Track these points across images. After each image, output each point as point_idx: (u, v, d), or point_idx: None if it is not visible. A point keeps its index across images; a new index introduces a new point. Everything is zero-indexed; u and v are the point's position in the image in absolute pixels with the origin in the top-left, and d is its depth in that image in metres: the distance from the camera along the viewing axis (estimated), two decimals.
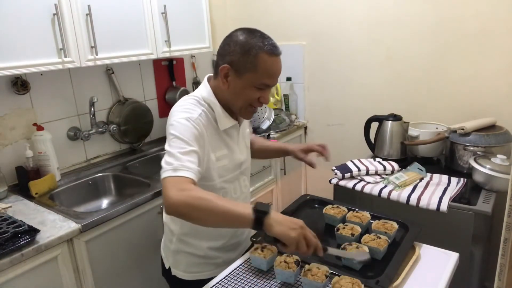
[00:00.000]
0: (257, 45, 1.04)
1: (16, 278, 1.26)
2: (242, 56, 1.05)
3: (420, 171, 1.79)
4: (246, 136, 1.29)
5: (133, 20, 1.89)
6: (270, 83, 1.09)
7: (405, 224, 1.21)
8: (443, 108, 2.09)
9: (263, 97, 1.10)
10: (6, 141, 1.74)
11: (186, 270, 1.29)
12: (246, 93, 1.09)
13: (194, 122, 1.06)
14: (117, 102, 2.17)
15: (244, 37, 1.06)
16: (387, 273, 0.99)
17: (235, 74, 1.07)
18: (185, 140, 1.02)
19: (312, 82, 2.57)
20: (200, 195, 0.91)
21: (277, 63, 1.08)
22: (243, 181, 1.27)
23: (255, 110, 1.16)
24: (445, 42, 2.01)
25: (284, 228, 0.89)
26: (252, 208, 0.90)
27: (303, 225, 0.91)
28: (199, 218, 0.93)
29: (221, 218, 0.91)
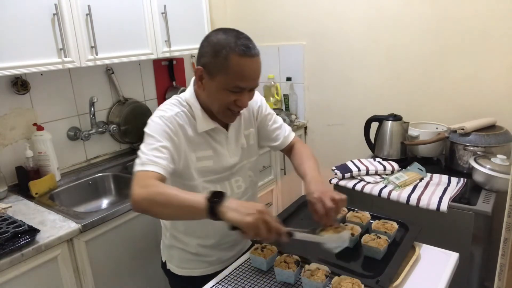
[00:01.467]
0: (228, 46, 0.99)
1: (16, 278, 1.26)
2: (213, 57, 1.01)
3: (420, 171, 1.79)
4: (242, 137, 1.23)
5: (133, 20, 1.89)
6: (243, 85, 1.03)
7: (405, 224, 1.22)
8: (443, 108, 2.09)
9: (240, 100, 1.05)
10: (6, 141, 1.74)
11: (179, 265, 1.31)
12: (220, 96, 1.05)
13: (167, 120, 1.07)
14: (117, 102, 2.17)
15: (217, 38, 1.02)
16: (387, 273, 0.99)
17: (208, 77, 1.04)
18: (155, 137, 1.04)
19: (312, 82, 2.57)
20: (159, 190, 0.93)
21: (250, 65, 1.01)
22: (235, 182, 1.23)
23: (236, 113, 1.11)
24: (445, 42, 2.01)
25: (238, 214, 0.86)
26: (205, 197, 0.89)
27: (261, 210, 0.87)
28: (159, 212, 0.95)
29: (178, 210, 0.92)
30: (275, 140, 1.32)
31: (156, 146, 1.03)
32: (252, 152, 1.29)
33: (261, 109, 1.29)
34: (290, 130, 1.35)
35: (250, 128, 1.26)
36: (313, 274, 0.98)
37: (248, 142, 1.25)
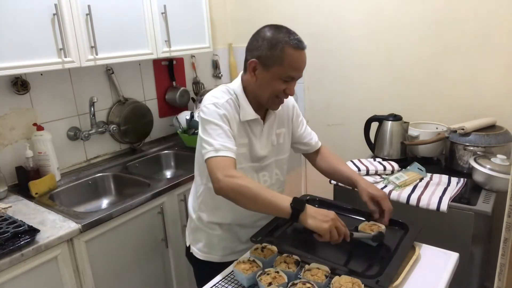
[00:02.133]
0: (284, 40, 1.12)
1: (16, 278, 1.26)
2: (269, 50, 1.12)
3: (420, 171, 1.79)
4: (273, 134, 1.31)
5: (133, 20, 1.89)
6: (295, 75, 1.16)
7: (405, 224, 1.21)
8: (443, 108, 2.09)
9: (289, 88, 1.17)
10: (6, 141, 1.74)
11: (201, 249, 1.37)
12: (273, 85, 1.15)
13: (222, 106, 1.17)
14: (117, 102, 2.17)
15: (271, 32, 1.14)
16: (387, 273, 0.99)
17: (263, 68, 1.15)
18: (216, 123, 1.14)
19: (312, 82, 2.57)
20: (246, 184, 1.04)
21: (302, 57, 1.15)
22: (262, 176, 1.30)
23: (281, 101, 1.22)
24: (445, 42, 2.01)
25: (317, 221, 1.00)
26: (290, 203, 1.01)
27: (334, 217, 1.02)
28: (244, 203, 1.06)
29: (263, 206, 1.04)
30: (307, 144, 1.43)
31: (222, 131, 1.13)
32: (281, 151, 1.34)
33: (296, 112, 1.39)
34: (317, 138, 1.46)
35: (282, 128, 1.34)
36: (313, 274, 0.98)
37: (278, 140, 1.32)
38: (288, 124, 1.36)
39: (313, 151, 1.45)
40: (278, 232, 1.25)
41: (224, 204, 1.25)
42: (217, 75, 2.80)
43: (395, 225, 1.23)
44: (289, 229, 1.27)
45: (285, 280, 0.98)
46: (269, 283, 0.97)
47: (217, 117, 1.14)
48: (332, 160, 1.42)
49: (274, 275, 0.99)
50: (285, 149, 1.37)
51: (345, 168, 1.37)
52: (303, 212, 1.01)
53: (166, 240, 1.80)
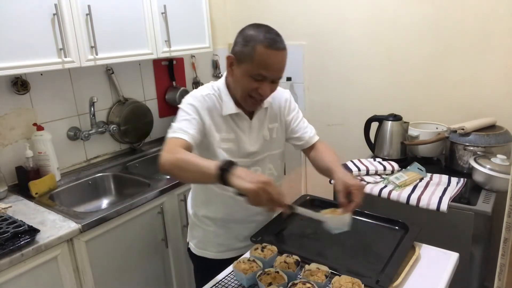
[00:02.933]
0: (257, 38, 1.11)
1: (16, 278, 1.26)
2: (243, 46, 1.13)
3: (420, 171, 1.79)
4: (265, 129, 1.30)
5: (133, 20, 1.89)
6: (266, 74, 1.12)
7: (405, 224, 1.22)
8: (443, 108, 2.09)
9: (261, 88, 1.15)
10: (6, 141, 1.74)
11: (197, 244, 1.39)
12: (244, 82, 1.15)
13: (196, 98, 1.20)
14: (117, 102, 2.17)
15: (249, 30, 1.15)
16: (387, 273, 0.99)
17: (237, 63, 1.16)
18: (185, 111, 1.18)
19: (312, 82, 2.57)
20: (182, 156, 1.04)
21: (275, 56, 1.11)
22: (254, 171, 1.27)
23: (257, 102, 1.20)
24: (445, 42, 2.01)
25: (242, 181, 0.93)
26: (217, 164, 0.97)
27: (265, 181, 0.92)
28: (179, 175, 1.07)
29: (195, 174, 1.03)
30: (300, 139, 1.39)
31: (186, 118, 1.16)
32: (274, 145, 1.34)
33: (290, 106, 1.37)
34: (315, 132, 1.42)
35: (275, 123, 1.33)
36: (313, 274, 0.98)
37: (271, 135, 1.32)
38: (280, 119, 1.35)
39: (308, 147, 1.40)
40: (278, 232, 1.25)
41: (215, 198, 1.28)
42: (217, 75, 2.80)
43: (395, 225, 1.24)
44: (290, 230, 1.27)
45: (285, 280, 0.98)
46: (269, 283, 0.97)
47: (187, 106, 1.18)
48: (323, 154, 1.34)
49: (274, 275, 0.99)
50: (279, 144, 1.36)
51: (328, 159, 1.30)
52: (230, 172, 0.95)
53: (166, 240, 1.80)
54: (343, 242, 1.18)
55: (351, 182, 1.11)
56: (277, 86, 1.24)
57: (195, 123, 1.16)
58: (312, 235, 1.23)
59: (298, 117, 1.39)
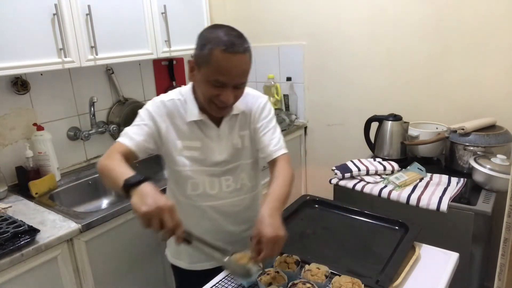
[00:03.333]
0: (213, 41, 1.01)
1: (16, 278, 1.26)
2: (200, 50, 1.05)
3: (420, 171, 1.79)
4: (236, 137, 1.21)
5: (133, 20, 1.89)
6: (223, 80, 1.03)
7: (405, 224, 1.22)
8: (443, 108, 2.09)
9: (223, 95, 1.05)
10: (6, 141, 1.74)
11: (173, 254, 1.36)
12: (204, 88, 1.07)
13: (156, 104, 1.17)
14: (117, 102, 2.17)
15: (207, 32, 1.07)
16: (387, 273, 0.99)
17: (197, 68, 1.08)
18: (140, 116, 1.16)
19: (312, 82, 2.57)
20: (108, 162, 1.03)
21: (232, 61, 1.01)
22: (225, 181, 1.22)
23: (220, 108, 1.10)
24: (445, 42, 2.01)
25: (138, 201, 0.88)
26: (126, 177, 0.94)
27: (163, 207, 0.86)
28: (103, 180, 1.06)
29: (111, 182, 1.00)
30: (261, 152, 1.23)
31: (138, 123, 1.14)
32: (247, 154, 1.24)
33: (261, 113, 1.22)
34: (280, 146, 1.21)
35: (246, 130, 1.23)
36: (313, 274, 0.98)
37: (242, 143, 1.22)
38: (249, 126, 1.23)
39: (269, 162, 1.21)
40: None
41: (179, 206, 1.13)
42: None
43: (395, 225, 1.24)
44: (290, 230, 1.27)
45: (285, 280, 0.98)
46: (269, 283, 0.97)
47: (143, 111, 1.16)
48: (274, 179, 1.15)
49: (274, 275, 0.99)
50: (253, 152, 1.25)
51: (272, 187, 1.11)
52: (134, 188, 0.90)
53: (166, 240, 1.80)
54: (343, 242, 1.18)
55: (265, 231, 0.93)
56: (243, 92, 1.11)
57: (146, 130, 1.12)
58: (312, 235, 1.23)
59: (268, 126, 1.21)
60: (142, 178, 0.93)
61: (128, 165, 1.03)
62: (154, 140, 1.15)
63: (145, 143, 1.12)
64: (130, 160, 1.08)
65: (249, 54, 1.05)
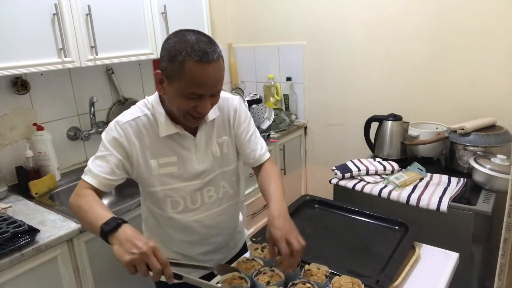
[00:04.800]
0: (184, 51, 0.93)
1: (16, 278, 1.26)
2: (169, 63, 0.96)
3: (420, 171, 1.79)
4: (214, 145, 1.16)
5: (133, 20, 1.89)
6: (200, 92, 0.96)
7: (405, 224, 1.22)
8: (443, 108, 2.09)
9: (200, 106, 0.99)
10: (6, 141, 1.74)
11: None
12: (179, 102, 0.99)
13: (120, 127, 1.06)
14: (117, 102, 2.17)
15: (174, 41, 0.96)
16: (387, 273, 0.99)
17: (167, 81, 0.99)
18: (105, 145, 1.06)
19: (312, 82, 2.57)
20: (81, 203, 0.99)
21: (207, 71, 0.94)
22: (207, 192, 1.16)
23: (197, 119, 1.04)
24: (445, 42, 2.01)
25: (120, 250, 0.87)
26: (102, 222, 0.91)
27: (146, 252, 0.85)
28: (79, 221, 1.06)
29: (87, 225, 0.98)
30: (248, 157, 1.21)
31: (102, 155, 1.06)
32: (226, 161, 1.19)
33: (240, 117, 1.19)
34: (266, 149, 1.24)
35: (224, 136, 1.18)
36: (313, 274, 0.98)
37: (221, 150, 1.17)
38: (229, 131, 1.18)
39: (256, 166, 1.22)
40: None
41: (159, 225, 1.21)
42: None
43: (395, 225, 1.24)
44: None
45: (282, 278, 0.98)
46: (267, 282, 0.97)
47: (107, 138, 1.05)
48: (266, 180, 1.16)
49: (270, 274, 0.99)
50: (232, 159, 1.20)
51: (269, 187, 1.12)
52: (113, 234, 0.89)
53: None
54: (343, 242, 1.18)
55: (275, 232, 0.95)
56: (218, 98, 1.05)
57: (112, 161, 1.04)
58: (312, 235, 1.23)
59: (250, 130, 1.20)
60: (117, 222, 0.91)
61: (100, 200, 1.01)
62: (123, 168, 1.07)
63: (111, 178, 1.05)
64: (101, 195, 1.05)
65: (222, 59, 0.99)
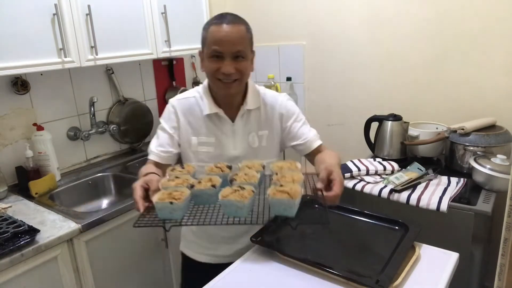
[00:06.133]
0: (210, 21, 1.15)
1: (16, 278, 1.26)
2: (202, 35, 1.16)
3: (420, 171, 1.79)
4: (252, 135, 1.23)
5: (133, 20, 1.89)
6: (219, 49, 1.10)
7: (405, 224, 1.21)
8: (443, 108, 2.09)
9: (223, 67, 1.12)
10: (6, 141, 1.74)
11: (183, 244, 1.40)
12: (208, 66, 1.14)
13: (173, 103, 1.24)
14: (117, 102, 2.17)
15: None
16: (387, 273, 0.99)
17: (202, 52, 1.18)
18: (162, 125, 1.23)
19: (312, 82, 2.57)
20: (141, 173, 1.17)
21: (223, 30, 1.11)
22: None
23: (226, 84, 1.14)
24: (445, 42, 2.01)
25: None
26: None
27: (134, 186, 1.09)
28: None
29: None
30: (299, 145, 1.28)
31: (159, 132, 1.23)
32: (263, 154, 1.25)
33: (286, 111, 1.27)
34: (318, 136, 1.32)
35: (265, 130, 1.25)
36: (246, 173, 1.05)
37: (260, 143, 1.25)
38: (273, 126, 1.26)
39: (309, 152, 1.29)
40: (279, 232, 1.25)
41: None
42: None
43: (395, 225, 1.23)
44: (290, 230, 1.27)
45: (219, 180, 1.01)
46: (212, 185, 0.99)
47: (165, 116, 1.24)
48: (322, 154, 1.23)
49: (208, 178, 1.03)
50: (269, 153, 1.26)
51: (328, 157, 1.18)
52: None
53: (166, 240, 1.80)
54: (343, 242, 1.18)
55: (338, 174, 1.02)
56: (245, 66, 1.15)
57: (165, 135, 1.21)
58: (312, 235, 1.23)
59: (300, 121, 1.29)
60: None
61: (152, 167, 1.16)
62: (174, 140, 1.22)
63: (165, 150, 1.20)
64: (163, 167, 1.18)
65: (243, 25, 1.16)
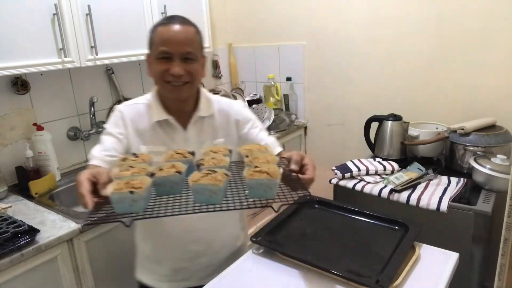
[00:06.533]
0: (156, 23, 1.12)
1: (16, 278, 1.26)
2: (148, 39, 1.13)
3: (420, 171, 1.79)
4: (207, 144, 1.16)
5: (133, 20, 1.89)
6: (167, 49, 1.06)
7: (405, 224, 1.21)
8: (443, 108, 2.09)
9: (171, 69, 1.07)
10: (6, 141, 1.74)
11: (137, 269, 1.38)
12: (155, 68, 1.09)
13: (121, 109, 1.17)
14: (117, 102, 2.17)
15: None
16: (387, 273, 0.99)
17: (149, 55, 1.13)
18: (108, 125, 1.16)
19: (312, 82, 2.57)
20: None
21: (171, 30, 1.08)
22: None
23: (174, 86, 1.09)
24: (445, 42, 2.01)
25: None
26: None
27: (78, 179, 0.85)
28: None
29: None
30: None
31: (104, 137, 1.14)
32: None
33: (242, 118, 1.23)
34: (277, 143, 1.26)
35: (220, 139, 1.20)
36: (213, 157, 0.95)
37: None
38: (230, 133, 1.21)
39: None
40: (278, 232, 1.25)
41: None
42: (217, 75, 2.81)
43: (395, 225, 1.23)
44: (290, 230, 1.27)
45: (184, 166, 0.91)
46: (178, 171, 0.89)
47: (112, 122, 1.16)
48: None
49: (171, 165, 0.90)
50: None
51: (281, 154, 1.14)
52: None
53: None
54: (343, 242, 1.18)
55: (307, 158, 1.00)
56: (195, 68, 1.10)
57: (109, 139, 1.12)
58: (312, 235, 1.23)
59: (257, 127, 1.24)
60: None
61: None
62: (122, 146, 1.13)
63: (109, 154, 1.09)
64: None
65: (192, 27, 1.12)
